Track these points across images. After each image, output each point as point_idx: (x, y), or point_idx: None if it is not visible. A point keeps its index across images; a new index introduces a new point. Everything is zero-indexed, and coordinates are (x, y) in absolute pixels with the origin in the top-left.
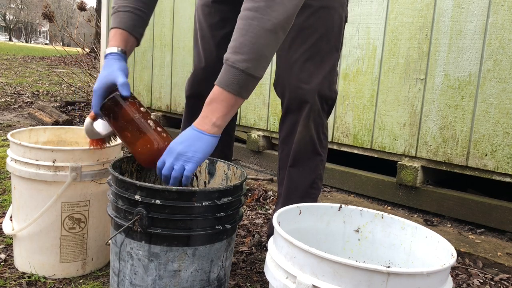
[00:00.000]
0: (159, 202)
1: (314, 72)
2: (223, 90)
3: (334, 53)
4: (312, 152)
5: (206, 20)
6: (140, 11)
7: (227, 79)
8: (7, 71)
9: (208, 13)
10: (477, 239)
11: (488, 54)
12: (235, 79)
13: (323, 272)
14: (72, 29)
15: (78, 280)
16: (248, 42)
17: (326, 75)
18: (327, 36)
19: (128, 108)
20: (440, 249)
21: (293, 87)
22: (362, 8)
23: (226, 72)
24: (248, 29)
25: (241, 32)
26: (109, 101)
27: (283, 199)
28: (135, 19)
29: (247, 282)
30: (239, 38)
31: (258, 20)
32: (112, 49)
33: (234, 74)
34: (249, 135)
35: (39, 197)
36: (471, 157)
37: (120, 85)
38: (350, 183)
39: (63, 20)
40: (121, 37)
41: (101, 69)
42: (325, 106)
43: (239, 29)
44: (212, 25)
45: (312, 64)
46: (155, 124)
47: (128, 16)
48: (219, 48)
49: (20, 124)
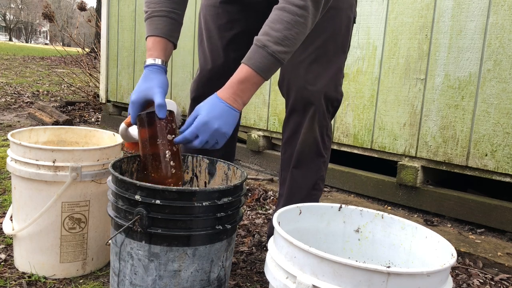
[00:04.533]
0: (159, 202)
1: (320, 73)
2: (257, 74)
3: (341, 55)
4: (315, 154)
5: (214, 21)
6: (175, 13)
7: (264, 65)
8: (7, 71)
9: (216, 13)
10: (477, 239)
11: (488, 54)
12: (271, 67)
13: (323, 272)
14: (72, 29)
15: (78, 280)
16: (291, 37)
17: (333, 77)
18: (334, 37)
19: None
20: (440, 249)
21: (298, 88)
22: (362, 8)
23: (264, 58)
24: (294, 24)
25: (287, 26)
26: (144, 116)
27: (285, 199)
28: (172, 23)
29: (247, 282)
30: (284, 30)
31: (305, 18)
32: (152, 60)
33: (272, 62)
34: (249, 135)
35: (39, 197)
36: (471, 157)
37: (157, 106)
38: (350, 183)
39: (63, 20)
40: (160, 45)
41: (140, 79)
42: (330, 108)
43: (285, 21)
44: (220, 26)
45: (318, 65)
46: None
47: (164, 21)
48: (227, 49)
49: (20, 124)
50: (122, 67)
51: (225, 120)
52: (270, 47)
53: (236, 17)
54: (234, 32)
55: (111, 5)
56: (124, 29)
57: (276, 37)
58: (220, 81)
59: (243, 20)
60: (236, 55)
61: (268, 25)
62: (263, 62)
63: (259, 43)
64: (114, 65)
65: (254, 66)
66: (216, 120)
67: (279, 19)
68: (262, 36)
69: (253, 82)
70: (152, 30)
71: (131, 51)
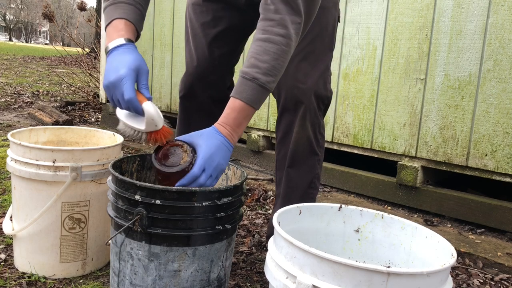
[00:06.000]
0: (159, 202)
1: (309, 71)
2: (250, 106)
3: (328, 53)
4: (309, 152)
5: (198, 19)
6: (140, 5)
7: (255, 97)
8: (7, 71)
9: (200, 12)
10: (477, 239)
11: (488, 54)
12: (262, 97)
13: (323, 272)
14: (72, 29)
15: (78, 280)
16: (279, 66)
17: (321, 75)
18: (321, 36)
19: None
20: (440, 249)
21: (289, 86)
22: (362, 8)
23: (254, 90)
24: (281, 54)
25: (274, 56)
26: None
27: (282, 199)
28: (138, 13)
29: (247, 282)
30: (272, 61)
31: (289, 46)
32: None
33: (262, 93)
34: (249, 135)
35: (39, 197)
36: (471, 157)
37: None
38: (350, 183)
39: (63, 20)
40: (132, 30)
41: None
42: (321, 105)
43: (272, 52)
44: (204, 24)
45: (307, 63)
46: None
47: (133, 9)
48: (211, 46)
49: (20, 124)
50: None
51: (224, 154)
52: (260, 79)
53: (219, 14)
54: (218, 30)
55: None
56: None
57: (264, 68)
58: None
59: (226, 17)
60: (220, 52)
61: (254, 57)
62: (254, 94)
63: (248, 76)
64: None
65: (246, 99)
66: (217, 155)
67: (265, 51)
68: (249, 68)
69: (246, 114)
70: (119, 14)
71: None
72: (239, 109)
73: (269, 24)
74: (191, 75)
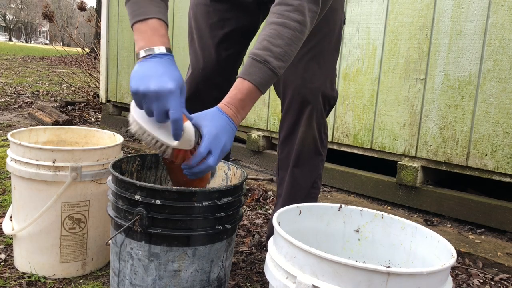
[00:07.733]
0: (159, 202)
1: (317, 72)
2: (257, 89)
3: (335, 53)
4: (314, 153)
5: (205, 19)
6: None
7: (264, 80)
8: (7, 71)
9: (206, 12)
10: (477, 239)
11: (488, 54)
12: (270, 81)
13: (323, 272)
14: (72, 29)
15: (78, 280)
16: (291, 53)
17: (328, 75)
18: (329, 36)
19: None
20: (440, 249)
21: (296, 86)
22: (362, 8)
23: (265, 73)
24: (294, 40)
25: (288, 41)
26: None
27: (285, 199)
28: (166, 8)
29: (247, 282)
30: (285, 46)
31: (303, 34)
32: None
33: (271, 77)
34: (249, 135)
35: (39, 197)
36: (471, 157)
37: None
38: (350, 183)
39: (63, 20)
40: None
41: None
42: (327, 106)
43: (286, 37)
44: (212, 25)
45: (315, 63)
46: None
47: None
48: (218, 48)
49: (20, 124)
50: (122, 67)
51: (229, 135)
52: (271, 63)
53: (227, 15)
54: (225, 31)
55: (111, 5)
56: (124, 29)
57: (277, 52)
58: (212, 79)
59: (234, 18)
60: (227, 54)
61: (267, 40)
62: (263, 77)
63: (260, 58)
64: (114, 65)
65: (254, 81)
66: (223, 134)
67: (280, 35)
68: (261, 51)
69: (252, 97)
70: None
71: (131, 51)
72: (246, 91)
73: (286, 8)
74: (197, 77)
